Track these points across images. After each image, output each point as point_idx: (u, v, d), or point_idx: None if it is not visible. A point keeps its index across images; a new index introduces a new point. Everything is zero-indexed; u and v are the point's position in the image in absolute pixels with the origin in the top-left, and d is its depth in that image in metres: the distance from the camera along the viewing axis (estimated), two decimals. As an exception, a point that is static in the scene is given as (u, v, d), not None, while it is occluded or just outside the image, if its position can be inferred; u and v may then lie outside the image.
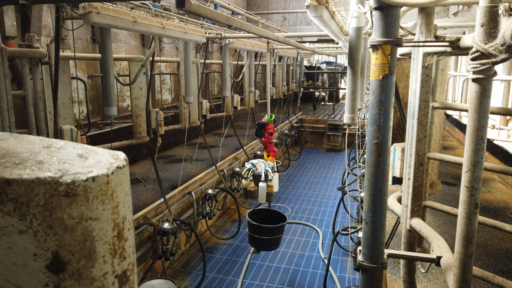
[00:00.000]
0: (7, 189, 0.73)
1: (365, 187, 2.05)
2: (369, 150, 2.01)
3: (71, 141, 4.24)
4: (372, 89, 1.97)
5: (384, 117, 1.95)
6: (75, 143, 0.84)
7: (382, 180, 1.99)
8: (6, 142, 0.84)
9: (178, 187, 6.72)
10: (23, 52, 3.68)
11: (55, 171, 0.74)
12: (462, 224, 1.63)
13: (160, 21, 4.51)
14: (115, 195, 0.80)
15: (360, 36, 3.65)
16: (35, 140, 0.83)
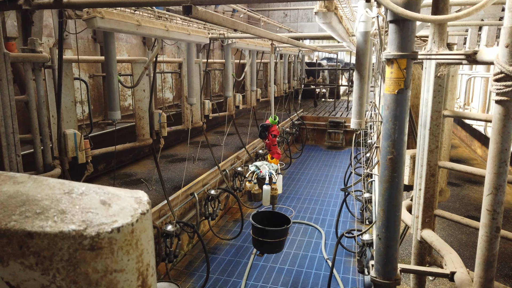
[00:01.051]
0: (29, 242, 0.69)
1: (379, 202, 2.01)
2: (383, 165, 1.97)
3: (75, 145, 4.20)
4: (386, 103, 1.93)
5: (399, 132, 1.91)
6: (97, 187, 0.80)
7: (397, 196, 1.96)
8: (25, 186, 0.80)
9: (182, 189, 6.68)
10: (26, 57, 3.63)
11: (79, 223, 0.71)
12: (483, 247, 1.60)
13: (163, 23, 4.45)
14: (139, 243, 0.77)
15: (368, 40, 3.60)
16: (55, 184, 0.79)
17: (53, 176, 3.97)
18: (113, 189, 0.83)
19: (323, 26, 3.26)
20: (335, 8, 2.97)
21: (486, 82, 9.24)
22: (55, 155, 4.32)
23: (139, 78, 4.91)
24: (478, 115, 2.70)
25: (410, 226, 2.84)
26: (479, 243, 1.68)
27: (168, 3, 2.85)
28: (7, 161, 3.55)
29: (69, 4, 3.08)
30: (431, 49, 2.40)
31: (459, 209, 6.21)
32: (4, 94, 3.44)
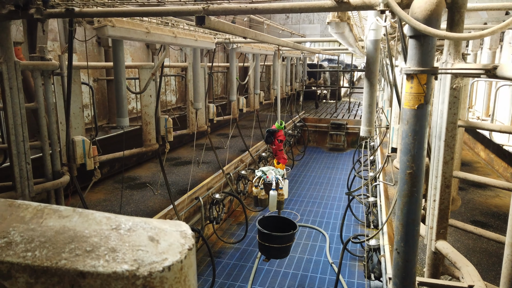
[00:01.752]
0: (81, 282, 0.69)
1: (397, 216, 2.01)
2: (402, 179, 1.97)
3: (83, 152, 4.20)
4: (406, 118, 1.93)
5: (418, 147, 1.91)
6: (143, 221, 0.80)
7: (416, 211, 1.96)
8: (71, 220, 0.80)
9: (187, 193, 6.68)
10: (36, 65, 3.63)
11: (131, 262, 0.70)
12: (508, 267, 1.60)
13: (171, 30, 4.45)
14: (187, 279, 0.77)
15: (378, 48, 3.60)
16: (102, 219, 0.79)
17: (62, 183, 3.97)
18: (158, 223, 0.83)
19: (335, 35, 3.26)
20: (347, 18, 2.97)
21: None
22: (64, 161, 4.32)
23: (146, 84, 4.91)
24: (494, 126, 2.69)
25: (423, 236, 2.84)
26: (504, 262, 1.68)
27: (181, 13, 2.85)
28: (17, 169, 3.55)
29: (81, 13, 3.07)
30: (446, 60, 2.40)
31: (465, 214, 6.21)
32: (14, 102, 3.43)
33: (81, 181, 5.64)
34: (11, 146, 3.48)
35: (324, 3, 2.56)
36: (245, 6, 2.74)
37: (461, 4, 2.23)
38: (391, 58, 4.48)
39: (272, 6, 2.66)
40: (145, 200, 6.94)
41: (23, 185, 3.59)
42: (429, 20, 1.78)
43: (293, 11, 2.64)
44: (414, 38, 1.87)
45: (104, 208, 6.52)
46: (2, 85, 3.35)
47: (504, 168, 8.49)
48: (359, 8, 2.53)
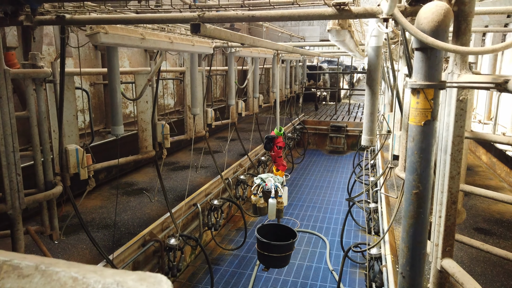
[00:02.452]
0: None
1: (402, 238, 1.90)
2: (407, 199, 1.86)
3: (77, 161, 4.08)
4: (412, 135, 1.82)
5: (425, 165, 1.80)
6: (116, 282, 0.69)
7: (422, 232, 1.85)
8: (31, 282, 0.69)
9: (184, 200, 6.57)
10: (28, 73, 3.52)
11: None
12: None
13: (167, 35, 4.34)
14: None
15: (380, 55, 3.49)
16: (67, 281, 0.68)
17: (54, 194, 3.85)
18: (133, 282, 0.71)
19: (336, 43, 3.15)
20: (348, 25, 2.86)
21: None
22: (56, 171, 4.21)
23: (142, 90, 4.80)
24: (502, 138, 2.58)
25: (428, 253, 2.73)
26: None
27: (176, 21, 2.74)
28: (7, 181, 3.43)
29: (72, 21, 2.96)
30: (452, 71, 2.29)
31: (467, 221, 6.10)
32: (4, 112, 3.32)
33: (76, 187, 5.53)
34: (0, 157, 3.36)
35: (324, 10, 2.45)
36: (242, 14, 2.63)
37: (468, 12, 2.12)
38: (392, 63, 4.37)
39: (270, 14, 2.55)
40: (142, 207, 6.82)
41: (13, 197, 3.48)
42: (437, 32, 1.67)
43: (292, 19, 2.53)
44: (420, 50, 1.76)
45: (100, 216, 6.41)
46: (-9, 95, 3.24)
47: (506, 172, 8.38)
48: (360, 16, 2.42)
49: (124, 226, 6.02)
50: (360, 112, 19.79)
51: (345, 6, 2.31)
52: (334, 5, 2.29)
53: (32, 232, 3.81)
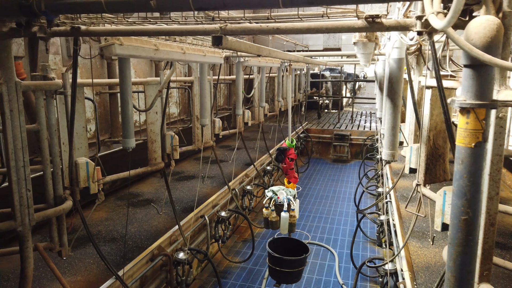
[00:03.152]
0: None
1: (449, 267, 1.78)
2: (455, 226, 1.74)
3: (87, 175, 3.96)
4: (460, 157, 1.71)
5: (475, 190, 1.69)
6: None
7: (471, 262, 1.73)
8: None
9: (193, 212, 6.43)
10: (39, 85, 3.41)
11: None
12: None
13: (180, 46, 4.25)
14: None
15: (402, 67, 3.40)
16: None
17: (64, 210, 3.73)
18: None
19: (361, 56, 3.06)
20: (375, 38, 2.77)
21: None
22: (65, 184, 4.09)
23: (152, 101, 4.70)
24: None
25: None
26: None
27: (196, 33, 2.64)
28: (17, 196, 3.31)
29: (87, 32, 2.86)
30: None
31: (482, 234, 5.95)
32: (15, 125, 3.21)
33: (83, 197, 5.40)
34: (10, 172, 3.24)
35: (354, 23, 2.35)
36: (266, 26, 2.53)
37: (508, 25, 2.01)
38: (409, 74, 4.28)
39: (296, 26, 2.45)
40: (149, 219, 6.68)
41: (23, 214, 3.35)
42: (490, 48, 1.57)
43: (320, 31, 2.43)
44: (471, 67, 1.65)
45: (107, 228, 6.27)
46: (2, 108, 3.12)
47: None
48: (392, 29, 2.32)
49: (132, 239, 5.88)
50: (363, 120, 19.72)
51: (378, 18, 2.21)
52: (366, 17, 2.19)
53: (41, 249, 3.68)
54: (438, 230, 3.22)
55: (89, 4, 2.31)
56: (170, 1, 2.18)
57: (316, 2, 1.96)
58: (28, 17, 2.51)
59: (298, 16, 2.40)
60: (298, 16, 2.38)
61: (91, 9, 2.33)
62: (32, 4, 2.41)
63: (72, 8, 2.37)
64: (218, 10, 2.15)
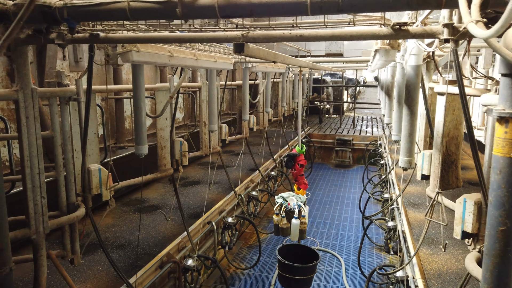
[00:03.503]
0: None
1: (485, 279, 1.76)
2: (492, 237, 1.72)
3: (99, 181, 3.93)
4: (498, 167, 1.69)
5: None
6: None
7: (509, 273, 1.70)
8: None
9: (201, 218, 6.40)
10: (54, 92, 3.39)
11: None
12: None
13: (192, 52, 4.24)
14: None
15: (419, 74, 3.39)
16: None
17: (78, 217, 3.70)
18: None
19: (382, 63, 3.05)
20: (398, 45, 2.76)
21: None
22: (78, 191, 4.05)
23: (164, 107, 4.68)
24: None
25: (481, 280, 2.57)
26: None
27: (217, 40, 2.63)
28: (32, 204, 3.28)
29: (106, 39, 2.85)
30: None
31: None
32: (30, 132, 3.18)
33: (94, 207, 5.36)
34: (25, 180, 3.21)
35: (379, 30, 2.34)
36: (289, 33, 2.51)
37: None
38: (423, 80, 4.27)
39: (319, 33, 2.44)
40: (156, 225, 6.64)
41: (37, 221, 3.31)
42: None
43: (344, 39, 2.42)
44: (507, 76, 1.64)
45: (114, 235, 6.22)
46: (18, 115, 3.10)
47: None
48: (418, 37, 2.31)
49: (140, 246, 5.84)
50: (364, 125, 19.74)
51: (405, 26, 2.20)
52: (393, 25, 2.18)
53: (54, 257, 3.64)
54: (458, 238, 3.20)
55: (112, 11, 2.29)
56: (196, 9, 2.16)
57: (345, 10, 1.94)
58: (51, 24, 2.49)
59: (324, 24, 2.39)
60: (324, 23, 2.37)
61: (114, 16, 2.32)
62: (55, 11, 2.39)
63: (96, 16, 2.35)
64: (244, 18, 2.14)
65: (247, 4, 2.09)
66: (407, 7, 1.91)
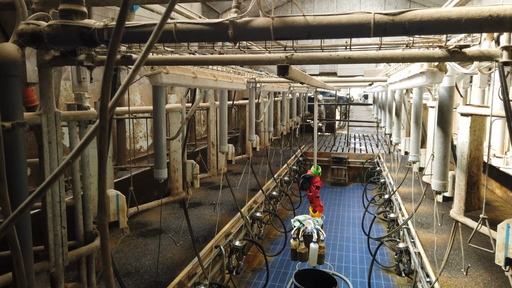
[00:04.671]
0: None
1: None
2: None
3: (117, 208, 3.74)
4: None
5: None
6: None
7: None
8: None
9: (210, 242, 6.19)
10: (77, 115, 3.23)
11: None
12: None
13: (212, 73, 4.13)
14: None
15: (453, 96, 3.33)
16: None
17: (97, 247, 3.48)
18: None
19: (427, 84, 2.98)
20: (445, 68, 2.69)
21: None
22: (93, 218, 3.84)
23: (179, 129, 4.53)
24: None
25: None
26: None
27: (259, 62, 2.52)
28: (52, 235, 3.07)
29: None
30: None
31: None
32: (52, 158, 3.00)
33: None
34: (46, 209, 3.01)
35: (433, 52, 2.26)
36: (337, 55, 2.42)
37: None
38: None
39: (369, 55, 2.35)
40: (162, 250, 6.38)
41: (57, 253, 3.10)
42: None
43: (395, 61, 2.34)
44: None
45: (119, 262, 5.95)
46: (41, 139, 2.92)
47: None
48: (475, 59, 2.24)
49: (148, 273, 5.58)
50: (358, 143, 19.80)
51: (464, 48, 2.13)
52: (453, 47, 2.11)
53: (71, 291, 3.41)
54: (501, 265, 3.09)
55: (158, 33, 2.17)
56: (249, 31, 2.05)
57: (411, 32, 1.86)
58: (89, 46, 2.35)
59: (380, 46, 2.31)
60: (380, 45, 2.29)
61: (160, 38, 2.20)
62: (94, 33, 2.26)
63: (139, 38, 2.22)
64: (301, 39, 2.04)
65: (304, 26, 2.00)
66: (479, 29, 1.83)
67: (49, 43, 2.38)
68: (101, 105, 0.94)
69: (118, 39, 1.05)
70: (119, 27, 1.02)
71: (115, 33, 1.00)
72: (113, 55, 1.03)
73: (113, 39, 1.02)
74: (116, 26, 0.99)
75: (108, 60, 1.03)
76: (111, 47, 1.03)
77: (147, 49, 1.05)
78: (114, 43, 1.03)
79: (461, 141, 4.16)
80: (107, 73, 1.09)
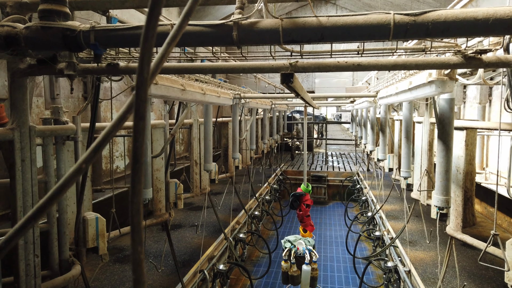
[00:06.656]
0: None
1: None
2: None
3: (96, 232, 3.42)
4: None
5: None
6: None
7: None
8: None
9: (193, 267, 5.83)
10: (54, 130, 2.92)
11: None
12: None
13: (200, 86, 3.90)
14: None
15: (453, 107, 3.22)
16: None
17: (74, 277, 3.13)
18: None
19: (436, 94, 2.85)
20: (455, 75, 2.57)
21: None
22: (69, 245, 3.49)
23: (163, 146, 4.25)
24: None
25: None
26: None
27: (262, 70, 2.33)
28: (23, 264, 2.71)
29: (127, 69, 2.46)
30: None
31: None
32: (26, 178, 2.67)
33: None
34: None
35: (448, 59, 2.13)
36: (345, 62, 2.25)
37: None
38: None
39: (380, 62, 2.19)
40: (142, 276, 5.96)
41: (28, 285, 2.73)
42: None
43: (408, 68, 2.19)
44: None
45: (95, 291, 5.50)
46: (13, 157, 2.60)
47: (509, 223, 8.29)
48: (491, 66, 2.12)
49: (127, 303, 5.17)
50: (335, 161, 19.83)
51: (483, 53, 2.00)
52: (472, 52, 1.98)
53: (44, 328, 3.02)
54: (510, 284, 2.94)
55: (152, 34, 1.94)
56: (256, 33, 1.85)
57: (434, 34, 1.70)
58: (72, 50, 2.09)
59: (396, 50, 2.15)
60: (396, 49, 2.13)
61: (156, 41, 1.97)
62: (79, 36, 2.01)
63: (130, 41, 1.98)
64: (313, 42, 1.87)
65: (317, 28, 1.82)
66: (506, 31, 1.70)
67: (26, 48, 2.11)
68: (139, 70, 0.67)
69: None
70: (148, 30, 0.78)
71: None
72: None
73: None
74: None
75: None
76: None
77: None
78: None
79: (457, 156, 4.06)
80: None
